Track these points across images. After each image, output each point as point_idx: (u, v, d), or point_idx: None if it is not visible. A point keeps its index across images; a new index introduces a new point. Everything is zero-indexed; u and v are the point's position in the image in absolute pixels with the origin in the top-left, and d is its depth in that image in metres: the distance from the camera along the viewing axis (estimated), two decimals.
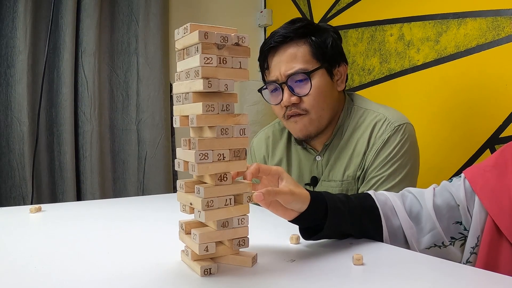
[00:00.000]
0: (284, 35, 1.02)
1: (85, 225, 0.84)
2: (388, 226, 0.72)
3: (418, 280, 0.54)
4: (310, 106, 1.02)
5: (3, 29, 1.65)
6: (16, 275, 0.55)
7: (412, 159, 1.03)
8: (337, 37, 1.07)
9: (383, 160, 1.00)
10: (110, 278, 0.53)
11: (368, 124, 1.04)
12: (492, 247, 0.66)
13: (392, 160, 1.00)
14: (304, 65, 1.01)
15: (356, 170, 1.04)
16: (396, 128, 1.01)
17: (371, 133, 1.03)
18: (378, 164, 1.01)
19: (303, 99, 1.02)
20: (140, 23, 1.92)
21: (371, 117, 1.05)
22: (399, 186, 0.98)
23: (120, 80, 1.93)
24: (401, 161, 1.00)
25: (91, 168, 1.81)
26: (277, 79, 1.04)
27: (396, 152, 1.00)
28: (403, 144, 1.01)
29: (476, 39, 1.30)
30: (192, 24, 0.53)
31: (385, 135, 1.01)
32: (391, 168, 1.00)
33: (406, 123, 1.03)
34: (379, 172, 1.00)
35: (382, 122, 1.03)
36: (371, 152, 1.02)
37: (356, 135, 1.05)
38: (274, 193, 0.59)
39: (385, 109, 1.07)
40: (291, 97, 1.02)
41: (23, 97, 1.65)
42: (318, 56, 1.02)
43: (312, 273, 0.55)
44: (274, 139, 1.19)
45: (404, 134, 1.01)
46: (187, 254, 0.58)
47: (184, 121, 0.56)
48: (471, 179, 0.71)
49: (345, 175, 1.05)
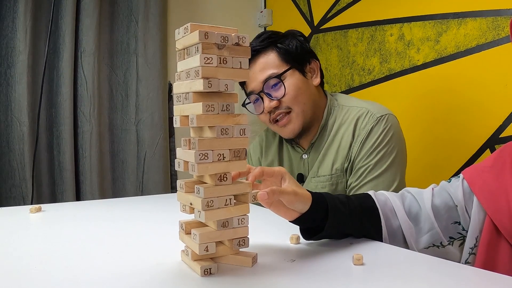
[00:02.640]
0: (253, 49, 1.09)
1: (85, 225, 0.84)
2: (387, 227, 0.72)
3: (418, 280, 0.54)
4: (290, 103, 1.09)
5: (3, 30, 1.65)
6: (16, 275, 0.55)
7: (398, 146, 1.07)
8: (303, 39, 1.15)
9: (369, 150, 1.05)
10: (110, 278, 0.53)
11: (352, 119, 1.10)
12: (490, 247, 0.66)
13: (377, 148, 1.05)
14: (275, 69, 1.09)
15: (343, 163, 1.09)
16: (378, 118, 1.07)
17: (355, 126, 1.08)
18: (364, 154, 1.05)
19: (282, 101, 1.09)
20: (139, 23, 1.92)
21: (354, 112, 1.11)
22: (386, 173, 1.04)
23: (120, 80, 1.93)
24: (386, 149, 1.05)
25: (90, 168, 1.80)
26: (254, 90, 1.11)
27: (381, 141, 1.05)
28: (387, 133, 1.06)
29: (476, 39, 1.30)
30: (192, 24, 0.53)
31: (369, 126, 1.06)
32: (377, 156, 1.04)
33: (388, 114, 1.09)
34: (366, 162, 1.05)
35: (365, 115, 1.09)
36: (356, 143, 1.07)
37: (341, 131, 1.11)
38: (278, 192, 0.59)
39: (368, 103, 1.13)
40: (270, 103, 1.09)
41: (23, 97, 1.65)
42: (286, 59, 1.10)
43: (312, 273, 0.55)
44: (267, 141, 1.27)
45: (387, 124, 1.06)
46: (187, 254, 0.58)
47: (184, 121, 0.56)
48: (469, 179, 0.71)
49: (334, 169, 1.10)
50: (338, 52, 1.83)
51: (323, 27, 1.91)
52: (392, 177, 1.04)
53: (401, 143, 1.10)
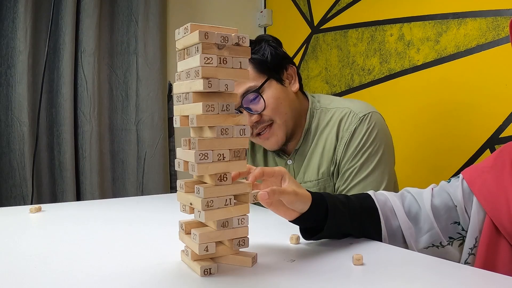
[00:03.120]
0: None
1: (85, 225, 0.84)
2: (387, 227, 0.72)
3: (418, 280, 0.54)
4: (272, 115, 1.04)
5: (3, 30, 1.65)
6: (16, 275, 0.55)
7: (383, 145, 1.04)
8: (275, 44, 1.08)
9: (353, 152, 1.03)
10: (110, 278, 0.54)
11: (335, 121, 1.07)
12: (490, 247, 0.66)
13: (362, 150, 1.02)
14: (251, 82, 1.03)
15: (329, 166, 1.07)
16: (361, 118, 1.04)
17: (338, 127, 1.06)
18: (349, 156, 1.03)
19: (263, 114, 1.04)
20: (139, 23, 1.92)
21: (337, 113, 1.08)
22: (373, 174, 1.02)
23: (120, 80, 1.93)
24: (371, 149, 1.03)
25: (90, 168, 1.81)
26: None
27: (365, 142, 1.03)
28: (371, 132, 1.03)
29: (476, 39, 1.30)
30: (192, 24, 0.53)
31: (352, 127, 1.04)
32: (362, 158, 1.02)
33: (371, 112, 1.06)
34: (352, 164, 1.03)
35: (348, 115, 1.06)
36: (341, 145, 1.05)
37: (324, 134, 1.08)
38: (279, 192, 0.60)
39: (350, 102, 1.10)
40: (251, 117, 1.04)
41: (23, 97, 1.65)
42: (262, 69, 1.04)
43: (312, 273, 0.55)
44: (253, 150, 1.24)
45: (370, 122, 1.04)
46: (187, 254, 0.58)
47: (184, 121, 0.56)
48: (469, 179, 0.71)
49: (320, 173, 1.08)
50: (338, 52, 1.83)
51: (323, 27, 1.91)
52: (380, 177, 1.02)
53: (387, 140, 1.07)
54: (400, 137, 1.47)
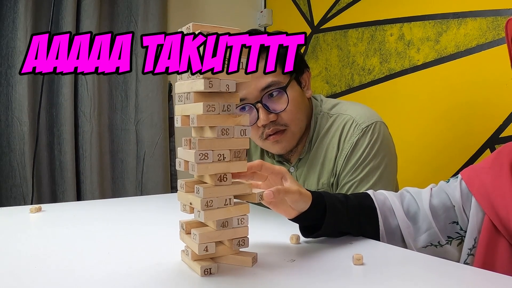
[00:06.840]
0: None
1: (85, 225, 0.84)
2: (386, 226, 0.73)
3: (418, 280, 0.54)
4: (289, 120, 0.97)
5: (3, 30, 1.65)
6: (16, 275, 0.55)
7: (386, 158, 0.98)
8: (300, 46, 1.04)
9: (354, 165, 0.97)
10: (110, 278, 0.54)
11: (336, 128, 1.01)
12: (489, 247, 0.67)
13: (363, 163, 0.96)
14: (275, 77, 0.94)
15: (329, 177, 1.01)
16: (364, 129, 0.97)
17: (339, 136, 1.00)
18: (349, 169, 0.97)
19: (280, 115, 0.96)
20: (139, 23, 1.92)
21: (338, 121, 1.02)
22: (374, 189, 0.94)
23: (119, 80, 1.93)
24: (373, 163, 0.96)
25: (90, 168, 1.81)
26: (247, 98, 0.95)
27: (367, 155, 0.96)
28: (373, 145, 0.97)
29: (476, 39, 1.30)
30: (194, 24, 0.53)
31: (354, 138, 0.97)
32: (363, 172, 0.96)
33: (375, 122, 0.99)
34: (352, 177, 0.97)
35: (350, 125, 0.99)
36: (341, 157, 0.98)
37: (325, 141, 1.02)
38: (284, 191, 0.60)
39: (353, 109, 1.03)
40: (268, 115, 0.94)
41: (23, 97, 1.65)
42: None
43: (312, 273, 0.55)
44: (249, 154, 1.17)
45: (373, 134, 0.97)
46: (187, 254, 0.58)
47: (185, 120, 0.56)
48: (467, 180, 0.72)
49: (320, 183, 1.02)
50: (338, 52, 1.83)
51: (323, 27, 1.91)
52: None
53: (390, 152, 1.01)
54: (400, 137, 1.47)
